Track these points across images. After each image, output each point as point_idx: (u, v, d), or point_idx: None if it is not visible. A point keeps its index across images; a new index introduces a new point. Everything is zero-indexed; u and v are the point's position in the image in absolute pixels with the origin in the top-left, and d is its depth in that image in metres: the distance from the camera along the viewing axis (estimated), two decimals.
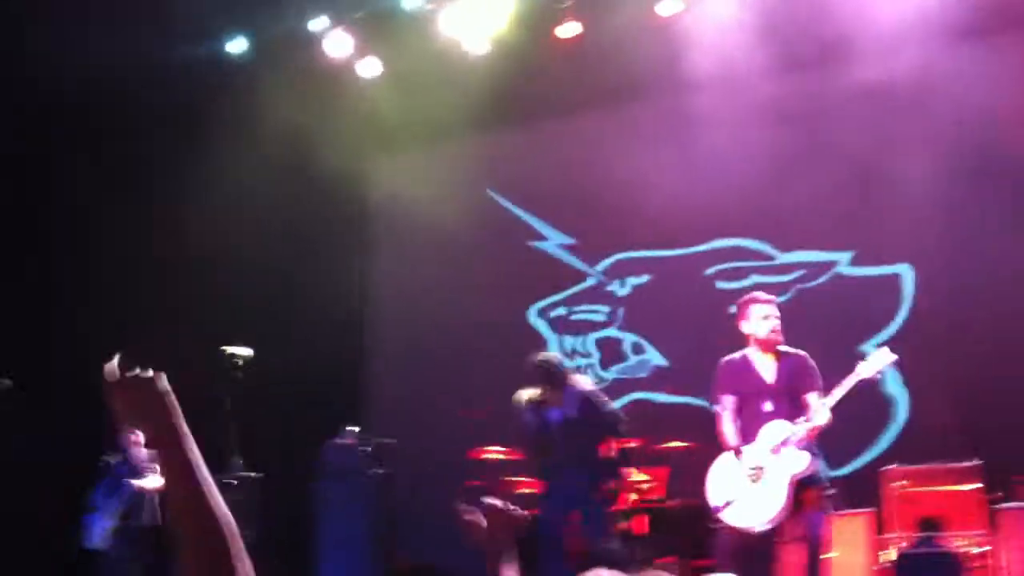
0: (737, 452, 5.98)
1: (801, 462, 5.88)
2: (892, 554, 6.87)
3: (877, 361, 5.89)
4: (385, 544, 7.80)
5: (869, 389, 6.07)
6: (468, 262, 9.81)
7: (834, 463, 8.21)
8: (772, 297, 6.32)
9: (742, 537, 5.80)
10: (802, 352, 6.30)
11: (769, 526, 5.74)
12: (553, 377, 7.05)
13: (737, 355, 6.24)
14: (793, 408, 6.03)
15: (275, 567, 6.38)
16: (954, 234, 8.25)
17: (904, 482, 7.22)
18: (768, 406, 6.03)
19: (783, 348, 6.21)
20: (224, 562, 1.75)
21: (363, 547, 7.28)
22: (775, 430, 5.95)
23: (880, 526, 7.19)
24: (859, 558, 6.95)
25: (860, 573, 6.94)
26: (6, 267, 9.09)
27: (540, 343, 9.80)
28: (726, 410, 6.13)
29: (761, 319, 6.15)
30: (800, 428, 5.87)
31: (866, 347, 8.35)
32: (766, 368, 6.15)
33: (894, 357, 5.97)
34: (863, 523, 7.24)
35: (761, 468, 5.89)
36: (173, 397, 1.83)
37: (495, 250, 9.88)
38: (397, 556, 6.77)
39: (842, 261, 8.80)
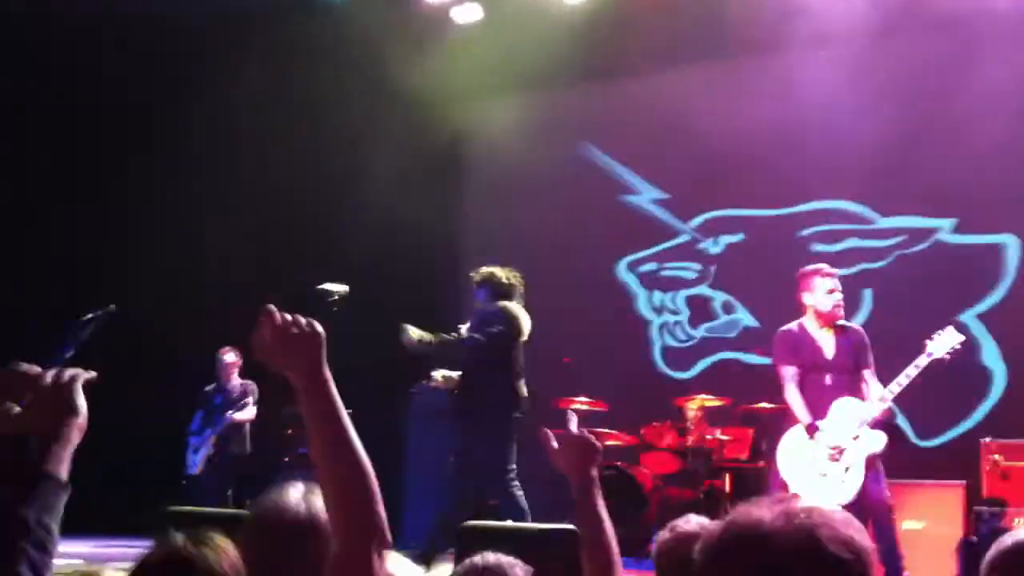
0: (812, 430, 5.94)
1: (879, 442, 5.85)
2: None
3: (946, 342, 5.86)
4: (471, 487, 7.90)
5: (967, 361, 5.99)
6: (559, 213, 9.76)
7: (928, 433, 8.14)
8: (836, 271, 6.28)
9: None
10: (859, 327, 6.33)
11: (846, 503, 5.70)
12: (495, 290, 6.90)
13: (794, 326, 6.21)
14: (852, 383, 6.03)
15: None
16: None
17: (1000, 456, 7.08)
18: (828, 380, 6.04)
19: (842, 322, 6.14)
20: (366, 503, 1.82)
21: (450, 490, 7.35)
22: (849, 408, 5.92)
23: (975, 499, 7.07)
24: (951, 530, 6.85)
25: (951, 545, 6.83)
26: (96, 191, 9.29)
27: (628, 297, 9.79)
28: (790, 381, 6.09)
29: (826, 293, 6.12)
30: (875, 408, 5.84)
31: (964, 317, 8.20)
32: (826, 342, 6.13)
33: (962, 338, 5.92)
34: (956, 495, 7.13)
35: (840, 448, 5.86)
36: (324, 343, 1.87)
37: (587, 202, 9.81)
38: (486, 500, 6.84)
39: (944, 228, 8.58)
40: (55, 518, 1.92)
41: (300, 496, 2.18)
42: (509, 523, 5.76)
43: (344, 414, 1.86)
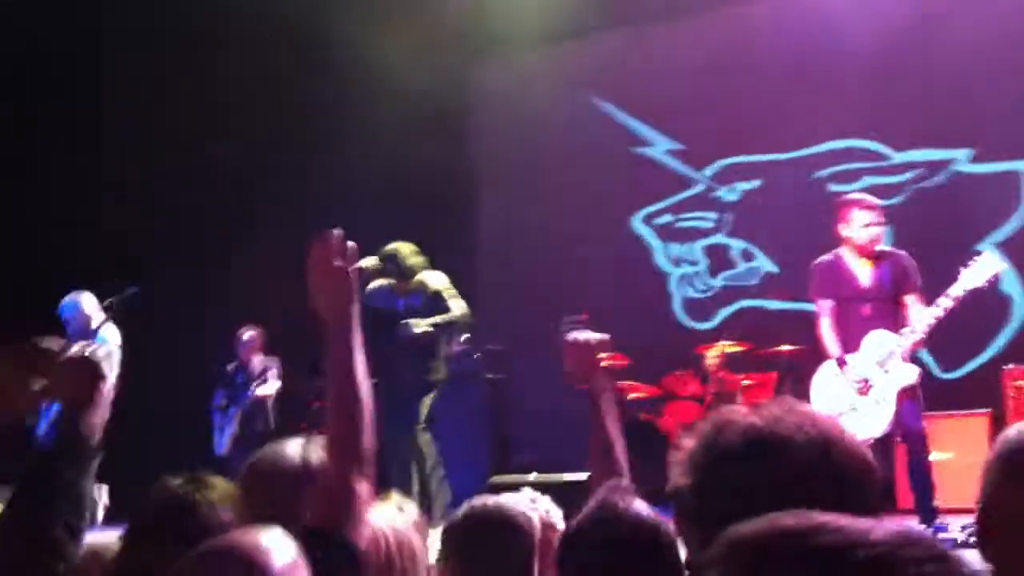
0: (841, 363, 5.91)
1: (910, 374, 5.80)
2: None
3: (985, 268, 5.66)
4: (500, 448, 7.98)
5: (986, 289, 5.92)
6: (572, 166, 9.75)
7: (950, 364, 8.11)
8: (877, 203, 6.12)
9: None
10: (900, 252, 6.16)
11: (877, 437, 5.69)
12: (402, 269, 7.05)
13: (830, 257, 6.12)
14: (894, 312, 5.94)
15: (388, 471, 6.63)
16: None
17: (1023, 382, 7.06)
18: (867, 310, 5.95)
19: (880, 248, 6.07)
20: (356, 430, 2.02)
21: (477, 451, 7.45)
22: (880, 341, 5.85)
23: (1000, 427, 7.05)
24: (978, 459, 6.82)
25: (979, 474, 6.83)
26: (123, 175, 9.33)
27: (645, 250, 9.78)
28: (825, 315, 6.05)
29: (863, 226, 5.99)
30: (906, 340, 5.78)
31: (982, 246, 8.14)
32: (863, 271, 6.02)
33: (1004, 265, 5.77)
34: (982, 424, 7.12)
35: (868, 381, 5.83)
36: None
37: (600, 155, 9.79)
38: (512, 460, 6.93)
39: (960, 159, 8.50)
40: (89, 480, 2.04)
41: (298, 447, 2.24)
42: (534, 475, 5.84)
43: (359, 355, 2.05)
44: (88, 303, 7.23)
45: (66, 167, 9.36)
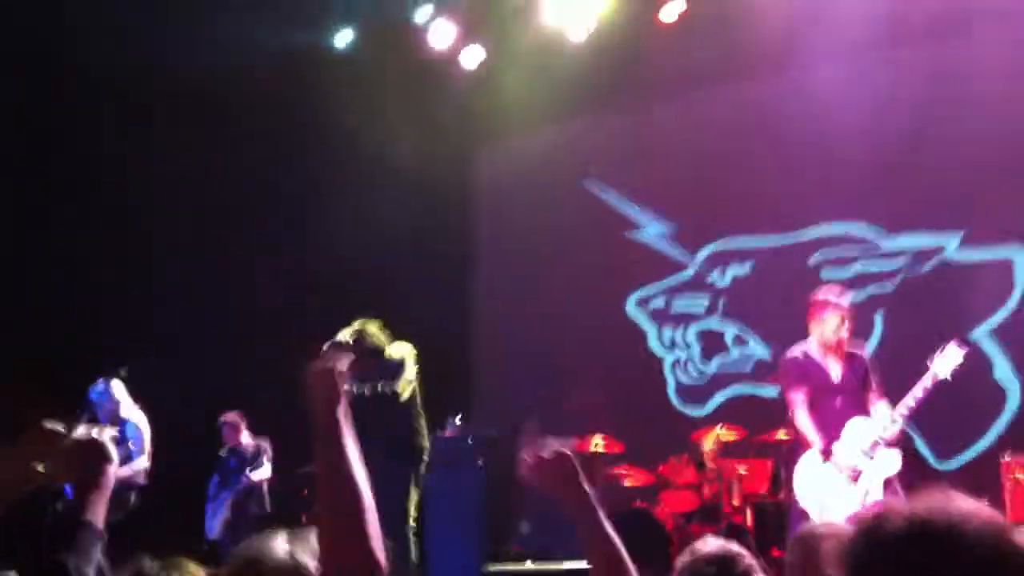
0: (826, 453, 5.92)
1: (896, 462, 5.84)
2: None
3: (949, 360, 5.83)
4: (493, 533, 7.88)
5: (981, 377, 5.98)
6: (568, 249, 9.80)
7: (947, 454, 8.08)
8: (846, 303, 6.26)
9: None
10: (862, 353, 6.35)
11: None
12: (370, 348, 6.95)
13: (799, 352, 6.22)
14: (864, 404, 6.03)
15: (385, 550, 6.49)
16: None
17: (1020, 474, 7.03)
18: (839, 402, 6.05)
19: (850, 348, 6.20)
20: (359, 537, 1.88)
21: (471, 536, 7.36)
22: (861, 429, 5.90)
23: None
24: None
25: None
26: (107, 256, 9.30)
27: (638, 334, 9.78)
28: (800, 407, 6.09)
29: (834, 328, 6.14)
30: (888, 430, 5.83)
31: (976, 333, 8.17)
32: (833, 366, 6.15)
33: (963, 353, 5.88)
34: None
35: (857, 468, 5.85)
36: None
37: (594, 238, 9.84)
38: (509, 545, 6.84)
39: (950, 245, 8.57)
40: (92, 564, 2.02)
41: (283, 542, 2.17)
42: (530, 565, 5.77)
43: (351, 454, 1.96)
44: (118, 389, 7.40)
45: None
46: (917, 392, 5.80)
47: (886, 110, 8.54)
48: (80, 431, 2.18)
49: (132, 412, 7.34)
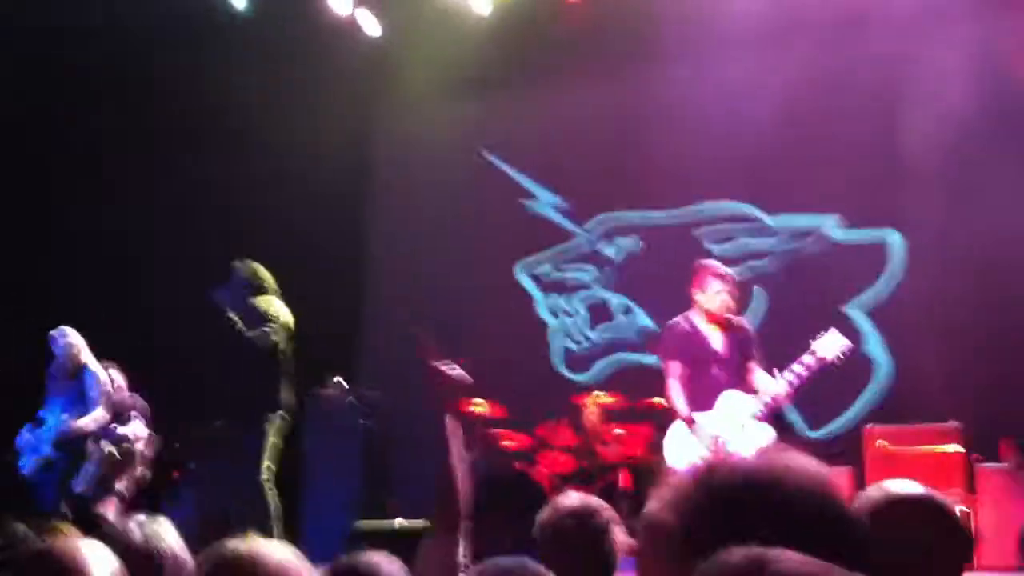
0: (690, 422, 6.02)
1: (766, 435, 5.92)
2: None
3: (831, 345, 5.93)
4: (371, 493, 7.87)
5: (851, 350, 6.14)
6: (461, 218, 9.80)
7: (815, 422, 8.35)
8: (730, 272, 6.33)
9: None
10: (744, 322, 6.44)
11: None
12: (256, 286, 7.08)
13: (681, 319, 6.28)
14: (742, 376, 6.11)
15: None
16: (946, 201, 8.27)
17: (884, 441, 7.30)
18: (718, 372, 6.10)
19: (728, 316, 6.25)
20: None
21: (346, 495, 7.32)
22: (736, 401, 5.99)
23: (860, 485, 7.27)
24: None
25: None
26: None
27: (527, 300, 9.84)
28: (673, 377, 6.16)
29: (715, 293, 6.18)
30: (761, 403, 5.92)
31: (849, 308, 8.45)
32: (714, 336, 6.20)
33: (847, 344, 6.00)
34: (843, 481, 7.31)
35: (719, 439, 5.93)
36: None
37: (487, 207, 9.86)
38: (387, 507, 6.83)
39: (829, 224, 8.82)
40: None
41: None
42: (400, 521, 5.78)
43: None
44: (75, 336, 7.32)
45: None
46: (798, 370, 5.87)
47: (777, 97, 8.70)
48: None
49: (90, 360, 7.20)
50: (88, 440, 7.11)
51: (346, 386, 7.80)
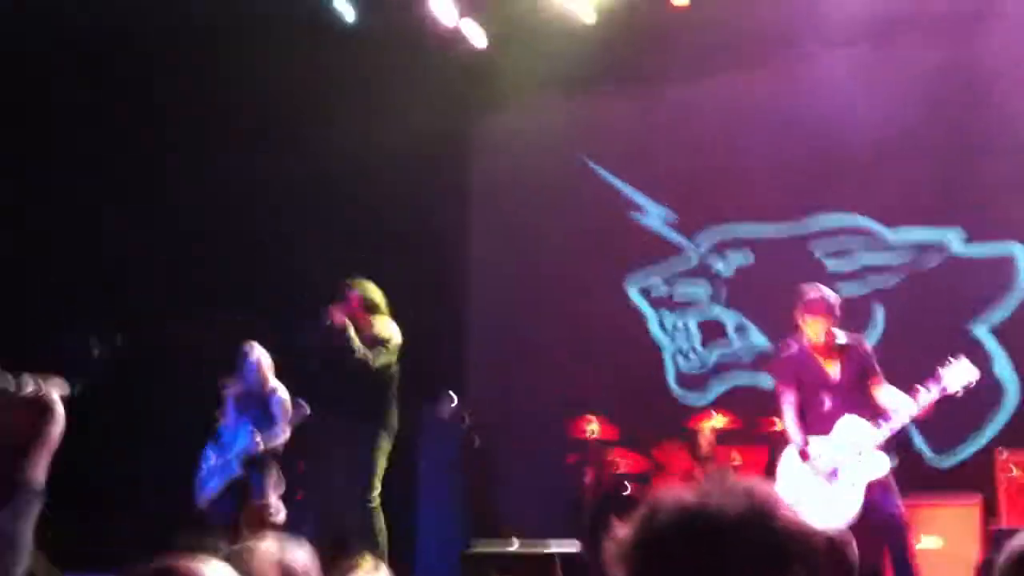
0: (804, 454, 5.88)
1: (883, 466, 5.77)
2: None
3: (961, 375, 5.72)
4: (482, 513, 7.87)
5: (980, 372, 5.92)
6: (566, 230, 9.69)
7: (942, 447, 8.05)
8: (831, 303, 6.09)
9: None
10: (857, 337, 6.24)
11: (843, 526, 5.57)
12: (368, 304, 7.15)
13: (794, 344, 6.14)
14: (861, 401, 5.93)
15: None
16: None
17: (1016, 468, 7.01)
18: (833, 399, 5.95)
19: (841, 340, 6.05)
20: None
21: (458, 514, 7.35)
22: (853, 428, 5.82)
23: (992, 513, 7.00)
24: (970, 547, 6.76)
25: (971, 563, 6.74)
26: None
27: (638, 317, 9.71)
28: (788, 404, 6.03)
29: (816, 327, 6.02)
30: (881, 433, 5.76)
31: (976, 329, 8.14)
32: (827, 363, 6.04)
33: (977, 374, 5.78)
34: (973, 511, 7.05)
35: (834, 469, 5.79)
36: None
37: (595, 220, 9.73)
38: (500, 527, 6.83)
39: (953, 239, 8.51)
40: (28, 523, 1.95)
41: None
42: (516, 544, 5.78)
43: None
44: (264, 358, 7.31)
45: None
46: (922, 400, 5.69)
47: (893, 103, 8.47)
48: (28, 388, 2.11)
49: (277, 382, 7.21)
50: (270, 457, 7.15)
51: (457, 402, 7.82)
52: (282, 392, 7.16)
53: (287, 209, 9.34)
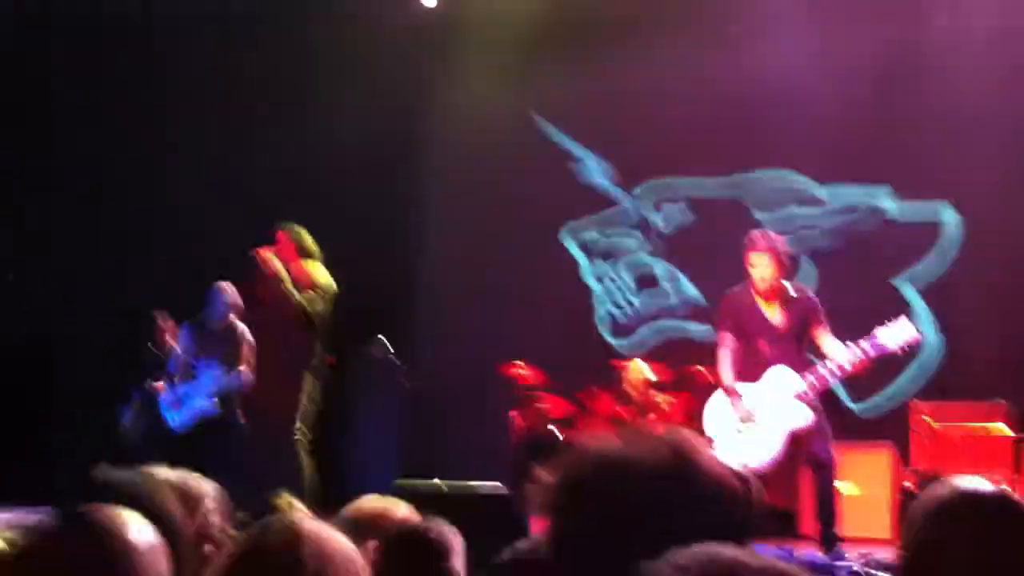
0: (731, 393, 5.98)
1: (802, 417, 5.85)
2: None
3: (900, 333, 5.77)
4: (413, 452, 7.94)
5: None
6: (511, 182, 9.72)
7: (860, 395, 8.27)
8: (766, 249, 6.09)
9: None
10: (807, 291, 6.32)
11: (757, 470, 5.62)
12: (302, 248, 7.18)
13: (740, 289, 6.20)
14: (797, 351, 6.01)
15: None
16: (1002, 177, 8.12)
17: (929, 418, 7.23)
18: (770, 347, 6.00)
19: (788, 291, 6.12)
20: None
21: (390, 452, 7.41)
22: (782, 378, 5.91)
23: (904, 460, 7.23)
24: (882, 491, 6.99)
25: (883, 507, 6.97)
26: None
27: (572, 265, 9.80)
28: (724, 346, 6.11)
29: (761, 264, 6.05)
30: (807, 384, 5.83)
31: (898, 282, 8.34)
32: (770, 309, 6.09)
33: (916, 334, 5.85)
34: (885, 456, 7.27)
35: (751, 414, 5.89)
36: None
37: (535, 171, 9.78)
38: (433, 469, 6.90)
39: (881, 196, 8.68)
40: None
41: None
42: (438, 481, 5.86)
43: None
44: (231, 292, 7.26)
45: None
46: (854, 355, 5.75)
47: (833, 68, 8.60)
48: None
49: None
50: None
51: (388, 346, 7.84)
52: (244, 327, 7.15)
53: (236, 170, 9.29)
